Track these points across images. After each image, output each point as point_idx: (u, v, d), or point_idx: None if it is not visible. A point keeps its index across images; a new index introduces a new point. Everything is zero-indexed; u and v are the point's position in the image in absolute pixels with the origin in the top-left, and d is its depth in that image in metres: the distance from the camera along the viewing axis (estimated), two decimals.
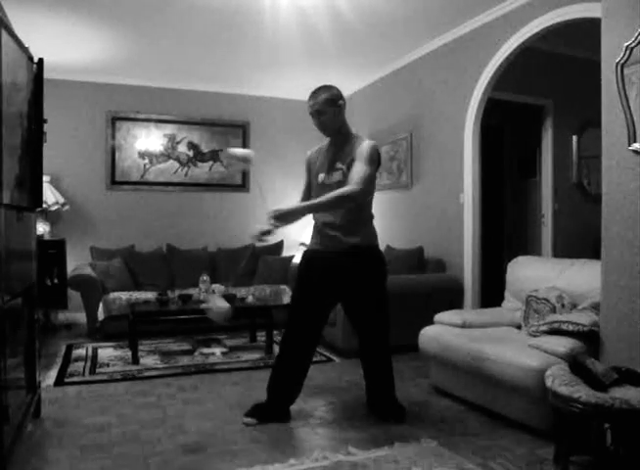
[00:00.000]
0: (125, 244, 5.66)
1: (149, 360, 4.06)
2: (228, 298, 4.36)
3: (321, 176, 2.77)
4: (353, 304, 2.83)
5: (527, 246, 5.50)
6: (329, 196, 2.55)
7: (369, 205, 2.80)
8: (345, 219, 2.68)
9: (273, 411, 2.79)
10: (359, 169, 2.59)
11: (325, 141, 2.89)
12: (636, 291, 2.29)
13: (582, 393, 2.01)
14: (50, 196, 5.20)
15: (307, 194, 2.90)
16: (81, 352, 4.36)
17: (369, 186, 2.62)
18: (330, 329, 4.12)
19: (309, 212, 2.68)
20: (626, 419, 1.96)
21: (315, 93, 2.72)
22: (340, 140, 2.78)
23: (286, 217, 2.57)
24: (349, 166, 2.66)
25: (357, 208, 2.68)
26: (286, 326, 2.83)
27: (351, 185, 2.55)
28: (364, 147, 2.67)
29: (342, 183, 2.65)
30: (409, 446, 2.43)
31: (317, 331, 2.82)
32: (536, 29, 3.76)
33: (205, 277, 4.46)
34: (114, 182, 5.92)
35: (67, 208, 5.44)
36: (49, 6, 3.93)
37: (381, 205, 5.86)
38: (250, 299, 4.51)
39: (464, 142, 4.48)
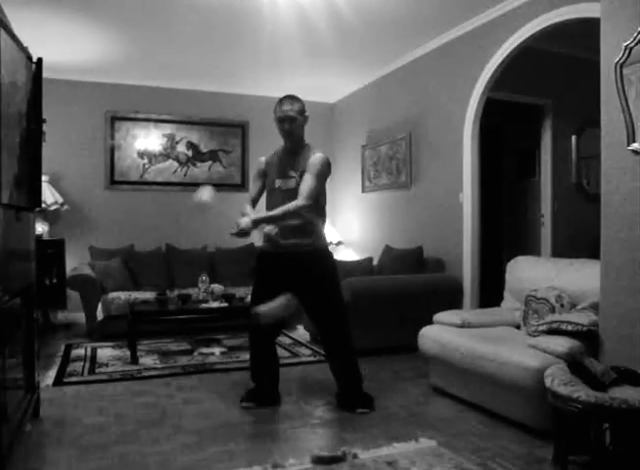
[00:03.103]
0: (124, 244, 5.66)
1: (148, 360, 4.06)
2: (227, 297, 4.36)
3: (277, 182, 2.96)
4: (310, 301, 2.98)
5: (527, 246, 5.50)
6: (279, 210, 2.81)
7: (323, 210, 3.01)
8: (301, 225, 2.88)
9: (263, 395, 3.03)
10: (308, 184, 2.82)
11: (279, 147, 3.07)
12: (635, 291, 2.29)
13: (581, 392, 2.01)
14: (49, 196, 5.20)
15: (257, 197, 3.13)
16: (80, 351, 4.35)
17: (314, 199, 2.85)
18: None
19: (268, 222, 2.89)
20: (625, 419, 1.97)
21: (290, 99, 2.90)
22: (296, 149, 2.97)
23: (258, 224, 2.83)
24: (301, 175, 2.87)
25: (311, 214, 2.90)
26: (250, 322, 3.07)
27: (299, 199, 2.80)
28: (315, 160, 2.87)
29: (289, 190, 2.88)
30: (408, 446, 2.42)
31: (272, 326, 3.02)
32: (536, 29, 3.75)
33: (205, 277, 4.46)
34: (113, 182, 5.92)
35: (66, 207, 5.43)
36: (48, 6, 3.93)
37: (380, 204, 5.86)
38: (249, 299, 4.50)
39: (463, 142, 4.48)
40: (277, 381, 3.09)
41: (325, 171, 2.89)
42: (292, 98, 2.91)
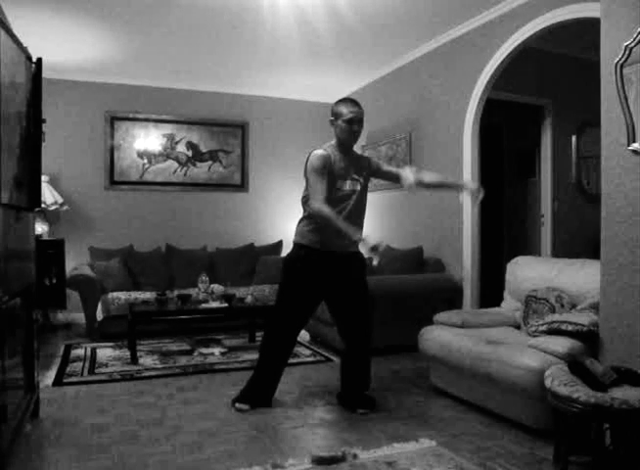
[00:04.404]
0: (124, 244, 5.65)
1: (148, 360, 4.06)
2: (227, 297, 4.36)
3: (339, 182, 2.86)
4: (345, 299, 2.98)
5: (527, 246, 5.50)
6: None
7: None
8: (359, 223, 3.00)
9: (259, 396, 2.99)
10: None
11: (329, 147, 2.87)
12: (635, 291, 2.29)
13: (582, 393, 2.01)
14: (49, 196, 5.19)
15: (329, 195, 2.80)
16: (80, 352, 4.35)
17: None
18: (329, 329, 4.12)
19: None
20: (625, 419, 1.97)
21: (354, 102, 2.87)
22: (352, 152, 2.98)
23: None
24: (365, 179, 2.97)
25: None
26: (272, 322, 3.02)
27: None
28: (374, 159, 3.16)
29: (356, 193, 2.90)
30: (408, 447, 2.43)
31: (302, 327, 3.06)
32: (536, 29, 3.75)
33: (205, 277, 4.46)
34: (112, 182, 5.91)
35: (65, 208, 5.43)
36: (48, 5, 3.92)
37: (380, 204, 5.86)
38: (249, 299, 4.51)
39: (463, 142, 4.48)
40: (275, 387, 3.04)
41: None
42: (354, 101, 2.89)
